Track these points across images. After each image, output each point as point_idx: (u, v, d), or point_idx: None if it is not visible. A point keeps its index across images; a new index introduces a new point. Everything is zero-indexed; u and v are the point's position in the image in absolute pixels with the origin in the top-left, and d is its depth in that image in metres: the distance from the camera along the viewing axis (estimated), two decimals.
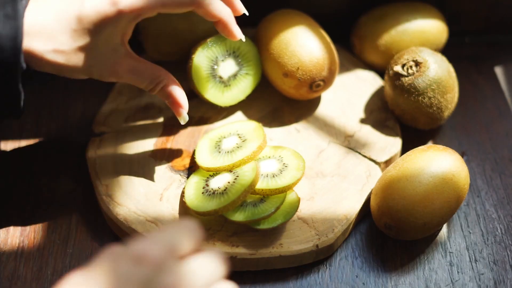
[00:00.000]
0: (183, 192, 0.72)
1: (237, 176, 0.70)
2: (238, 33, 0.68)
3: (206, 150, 0.74)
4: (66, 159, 0.79)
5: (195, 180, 0.71)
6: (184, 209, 0.71)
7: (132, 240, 0.48)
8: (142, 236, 0.52)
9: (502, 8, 0.93)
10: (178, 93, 0.69)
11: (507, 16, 0.94)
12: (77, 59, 0.63)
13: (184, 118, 0.70)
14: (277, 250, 0.68)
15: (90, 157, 0.75)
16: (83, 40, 0.63)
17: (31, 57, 0.62)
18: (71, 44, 0.62)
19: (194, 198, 0.69)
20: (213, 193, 0.69)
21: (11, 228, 0.73)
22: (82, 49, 0.63)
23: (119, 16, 0.62)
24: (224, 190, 0.69)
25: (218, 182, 0.70)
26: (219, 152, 0.73)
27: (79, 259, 0.70)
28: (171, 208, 0.71)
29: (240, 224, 0.68)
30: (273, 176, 0.71)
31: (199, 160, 0.72)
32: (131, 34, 0.67)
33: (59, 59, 0.63)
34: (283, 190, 0.69)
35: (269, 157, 0.73)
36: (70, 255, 0.71)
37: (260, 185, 0.70)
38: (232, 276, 0.53)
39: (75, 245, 0.72)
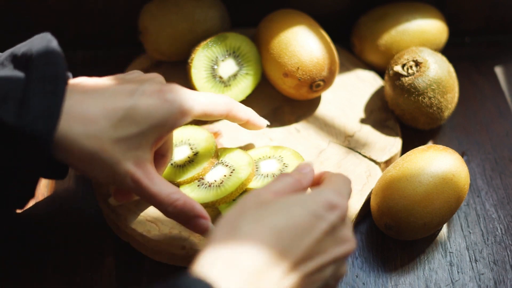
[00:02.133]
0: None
1: (233, 170, 0.70)
2: (264, 123, 0.73)
3: None
4: None
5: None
6: None
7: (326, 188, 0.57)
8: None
9: (502, 8, 0.93)
10: (195, 203, 0.64)
11: (507, 16, 0.94)
12: (109, 150, 0.59)
13: (210, 228, 0.64)
14: None
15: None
16: (126, 131, 0.59)
17: (61, 142, 0.56)
18: (111, 133, 0.58)
19: (190, 191, 0.69)
20: (209, 185, 0.69)
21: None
22: (120, 140, 0.59)
23: (169, 116, 0.61)
24: (221, 183, 0.69)
25: (214, 176, 0.70)
26: (171, 164, 0.72)
27: (79, 259, 0.70)
28: None
29: None
30: (273, 176, 0.71)
31: None
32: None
33: (93, 145, 0.58)
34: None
35: (269, 157, 0.73)
36: (70, 255, 0.71)
37: (261, 184, 0.70)
38: None
39: (74, 245, 0.71)
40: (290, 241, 0.52)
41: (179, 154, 0.73)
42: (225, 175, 0.70)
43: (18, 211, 0.74)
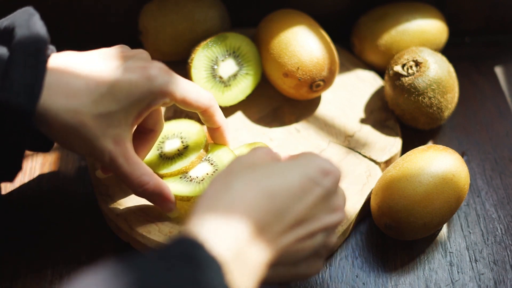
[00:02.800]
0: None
1: (216, 170, 0.70)
2: (229, 140, 0.73)
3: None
4: (66, 159, 0.79)
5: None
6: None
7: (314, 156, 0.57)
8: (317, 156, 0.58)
9: (502, 8, 0.93)
10: (164, 187, 0.65)
11: (507, 16, 0.94)
12: (90, 126, 0.59)
13: (173, 212, 0.67)
14: None
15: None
16: (106, 107, 0.60)
17: (43, 115, 0.57)
18: (92, 108, 0.59)
19: (171, 180, 0.70)
20: (191, 180, 0.69)
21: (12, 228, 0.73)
22: (101, 116, 0.59)
23: (149, 93, 0.61)
24: (202, 180, 0.69)
25: (198, 172, 0.70)
26: (160, 155, 0.72)
27: (79, 259, 0.70)
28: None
29: None
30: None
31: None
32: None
33: (74, 119, 0.58)
34: None
35: None
36: (70, 255, 0.71)
37: None
38: None
39: (75, 245, 0.72)
40: (284, 204, 0.52)
41: (170, 146, 0.73)
42: (207, 173, 0.70)
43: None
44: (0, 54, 0.57)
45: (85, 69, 0.60)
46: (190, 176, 0.70)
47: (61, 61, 0.60)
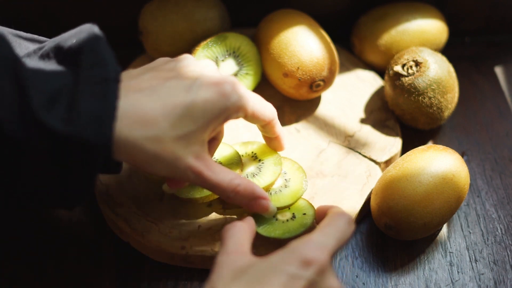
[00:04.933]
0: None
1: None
2: (284, 147, 0.73)
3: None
4: None
5: None
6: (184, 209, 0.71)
7: (298, 245, 0.54)
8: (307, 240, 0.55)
9: (502, 8, 0.93)
10: (256, 185, 0.65)
11: (507, 16, 0.94)
12: (170, 149, 0.58)
13: (270, 211, 0.66)
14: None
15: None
16: (185, 129, 0.58)
17: (121, 145, 0.55)
18: (171, 132, 0.58)
19: None
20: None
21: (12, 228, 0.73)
22: (180, 138, 0.58)
23: (225, 109, 0.61)
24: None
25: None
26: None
27: (79, 259, 0.70)
28: (171, 208, 0.71)
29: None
30: (253, 175, 0.71)
31: None
32: None
33: (155, 147, 0.57)
34: (267, 189, 0.70)
35: (243, 155, 0.73)
36: (70, 255, 0.71)
37: None
38: None
39: (75, 245, 0.72)
40: None
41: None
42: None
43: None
44: (66, 78, 0.55)
45: (158, 91, 0.58)
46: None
47: (131, 85, 0.58)
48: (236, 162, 0.71)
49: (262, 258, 0.54)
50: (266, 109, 0.66)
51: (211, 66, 0.63)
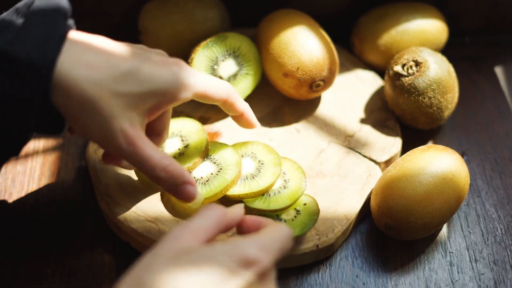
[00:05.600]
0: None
1: (220, 169, 0.70)
2: (256, 122, 0.71)
3: None
4: (66, 159, 0.79)
5: None
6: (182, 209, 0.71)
7: (245, 240, 0.51)
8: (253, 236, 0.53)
9: (502, 8, 0.93)
10: (185, 170, 0.63)
11: (507, 16, 0.94)
12: (108, 101, 0.57)
13: (197, 200, 0.64)
14: None
15: (90, 157, 0.75)
16: (127, 87, 0.58)
17: (62, 81, 0.55)
18: (112, 84, 0.57)
19: None
20: (196, 182, 0.69)
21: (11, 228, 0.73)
22: (120, 95, 0.57)
23: (173, 86, 0.60)
24: (207, 181, 0.69)
25: (201, 172, 0.70)
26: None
27: (79, 260, 0.70)
28: (171, 208, 0.71)
29: None
30: (253, 177, 0.71)
31: None
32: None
33: (93, 91, 0.56)
34: (267, 190, 0.70)
35: (242, 156, 0.73)
36: (70, 255, 0.71)
37: (243, 189, 0.70)
38: None
39: (75, 245, 0.72)
40: None
41: (170, 146, 0.72)
42: (211, 173, 0.70)
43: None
44: (19, 19, 0.56)
45: (109, 47, 0.59)
46: (195, 177, 0.70)
47: (82, 36, 0.59)
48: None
49: (207, 245, 0.51)
50: (219, 87, 0.66)
51: (163, 53, 0.64)
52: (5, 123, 0.56)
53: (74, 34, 0.58)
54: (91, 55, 0.57)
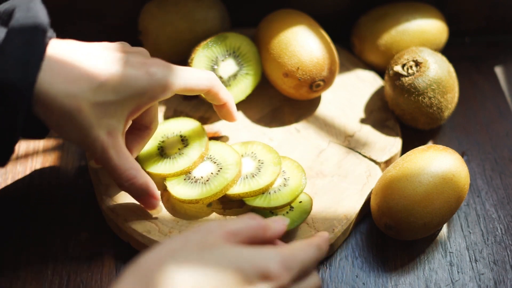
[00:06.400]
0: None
1: (220, 169, 0.70)
2: (236, 115, 0.74)
3: (149, 149, 0.73)
4: (66, 159, 0.79)
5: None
6: (177, 207, 0.71)
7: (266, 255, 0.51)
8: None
9: (502, 8, 0.93)
10: (151, 183, 0.66)
11: (507, 16, 0.94)
12: (86, 113, 0.59)
13: (156, 210, 0.69)
14: None
15: (90, 157, 0.75)
16: (104, 97, 0.60)
17: (42, 97, 0.57)
18: (90, 95, 0.59)
19: (176, 183, 0.70)
20: (196, 181, 0.69)
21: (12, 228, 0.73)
22: (98, 105, 0.59)
23: (149, 87, 0.62)
24: (207, 180, 0.69)
25: (201, 171, 0.71)
26: (160, 154, 0.72)
27: (79, 260, 0.70)
28: (171, 208, 0.71)
29: None
30: (253, 176, 0.71)
31: (140, 159, 0.72)
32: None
33: (72, 105, 0.58)
34: (266, 189, 0.70)
35: (242, 156, 0.73)
36: (70, 255, 0.71)
37: (243, 188, 0.70)
38: None
39: (75, 245, 0.72)
40: None
41: (170, 145, 0.73)
42: (211, 173, 0.70)
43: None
44: None
45: (86, 58, 0.60)
46: (195, 177, 0.70)
47: (62, 47, 0.60)
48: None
49: (232, 246, 0.51)
50: (201, 78, 0.67)
51: (143, 51, 0.66)
52: None
53: (54, 47, 0.59)
54: (69, 69, 0.59)
